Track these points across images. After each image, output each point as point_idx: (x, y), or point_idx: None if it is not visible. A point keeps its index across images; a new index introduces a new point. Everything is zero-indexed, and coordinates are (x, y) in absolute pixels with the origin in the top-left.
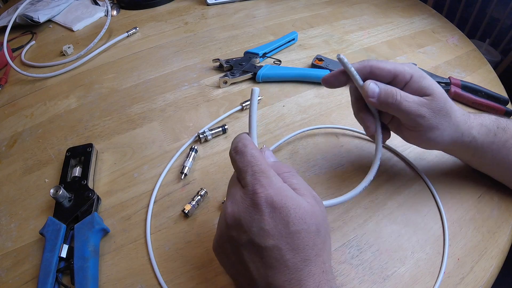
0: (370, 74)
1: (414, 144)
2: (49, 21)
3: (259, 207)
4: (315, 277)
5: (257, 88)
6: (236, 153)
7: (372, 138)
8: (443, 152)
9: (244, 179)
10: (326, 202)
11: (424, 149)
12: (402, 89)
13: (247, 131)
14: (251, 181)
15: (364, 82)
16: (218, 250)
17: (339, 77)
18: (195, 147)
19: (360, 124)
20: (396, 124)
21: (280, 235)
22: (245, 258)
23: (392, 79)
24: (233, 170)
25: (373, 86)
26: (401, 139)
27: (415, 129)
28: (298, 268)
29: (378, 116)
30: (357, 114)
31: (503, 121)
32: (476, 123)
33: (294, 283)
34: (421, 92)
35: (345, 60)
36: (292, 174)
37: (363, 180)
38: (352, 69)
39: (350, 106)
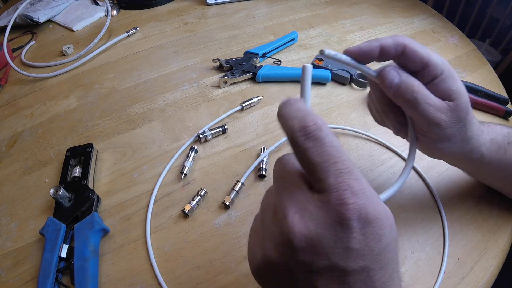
0: (401, 55)
1: (420, 150)
2: (49, 21)
3: (349, 222)
4: None
5: (309, 65)
6: (309, 138)
7: (399, 134)
8: None
9: (323, 180)
10: (381, 196)
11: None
12: (427, 83)
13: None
14: (336, 185)
15: (383, 67)
16: (267, 278)
17: (373, 49)
18: (195, 147)
19: (387, 122)
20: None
21: (372, 253)
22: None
23: (421, 69)
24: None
25: (393, 74)
26: (400, 138)
27: (426, 134)
28: (385, 287)
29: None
30: (381, 112)
31: None
32: (487, 140)
33: None
34: (446, 95)
35: (346, 58)
36: (358, 170)
37: (403, 172)
38: (360, 66)
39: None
